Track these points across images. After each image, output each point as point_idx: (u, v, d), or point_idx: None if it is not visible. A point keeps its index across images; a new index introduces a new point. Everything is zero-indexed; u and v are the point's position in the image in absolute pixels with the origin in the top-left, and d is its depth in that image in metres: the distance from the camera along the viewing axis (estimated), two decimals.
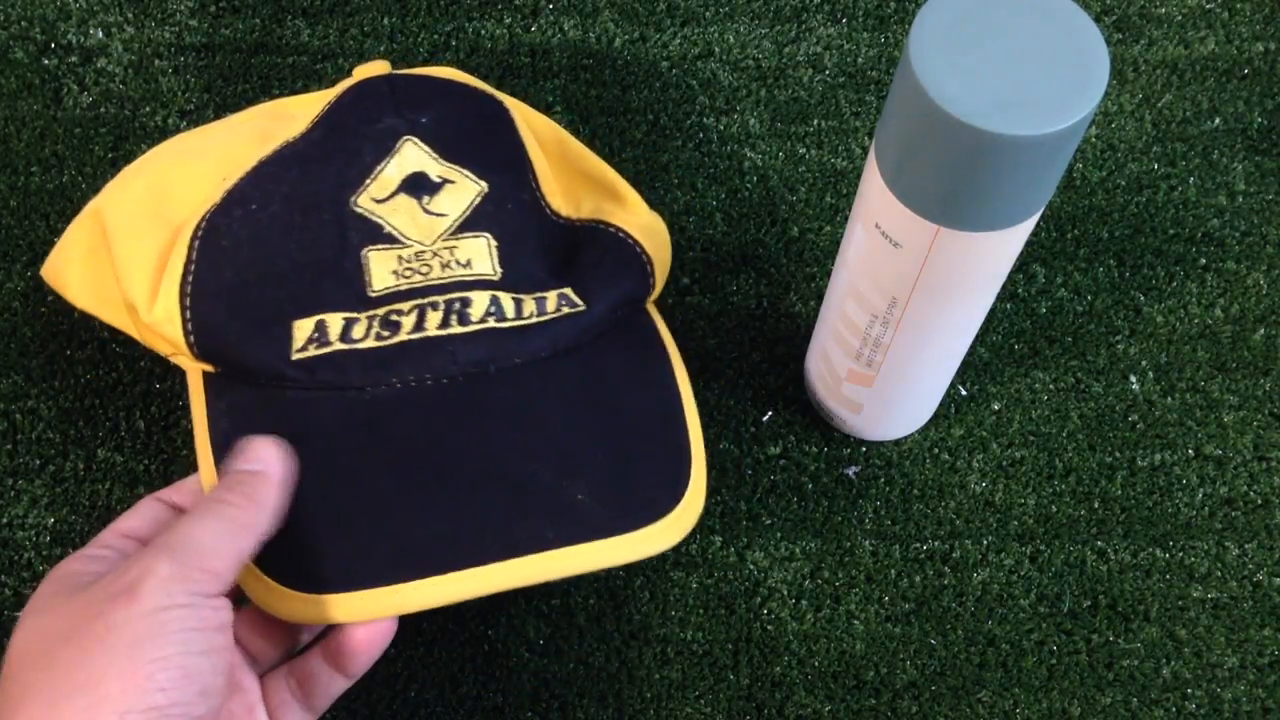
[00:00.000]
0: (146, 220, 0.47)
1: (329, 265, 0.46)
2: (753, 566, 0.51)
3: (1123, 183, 0.59)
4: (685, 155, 0.59)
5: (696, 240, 0.57)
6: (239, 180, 0.48)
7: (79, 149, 0.58)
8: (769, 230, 0.58)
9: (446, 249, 0.47)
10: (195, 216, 0.47)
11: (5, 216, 0.56)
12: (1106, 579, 0.51)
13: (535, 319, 0.46)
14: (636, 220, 0.50)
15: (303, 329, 0.45)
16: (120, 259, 0.46)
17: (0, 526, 0.50)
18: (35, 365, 0.53)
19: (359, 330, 0.45)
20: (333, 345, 0.45)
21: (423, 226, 0.48)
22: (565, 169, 0.52)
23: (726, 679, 0.49)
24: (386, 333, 0.45)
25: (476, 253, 0.47)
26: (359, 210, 0.48)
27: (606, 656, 0.49)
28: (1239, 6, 0.64)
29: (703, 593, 0.50)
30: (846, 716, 0.48)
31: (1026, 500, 0.52)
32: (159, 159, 0.49)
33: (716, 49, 0.62)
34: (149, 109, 0.59)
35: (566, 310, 0.47)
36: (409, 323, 0.45)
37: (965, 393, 0.54)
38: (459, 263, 0.47)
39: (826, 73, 0.62)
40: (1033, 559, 0.51)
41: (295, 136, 0.49)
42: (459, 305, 0.46)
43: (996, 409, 0.54)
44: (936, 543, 0.51)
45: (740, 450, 0.53)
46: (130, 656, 0.33)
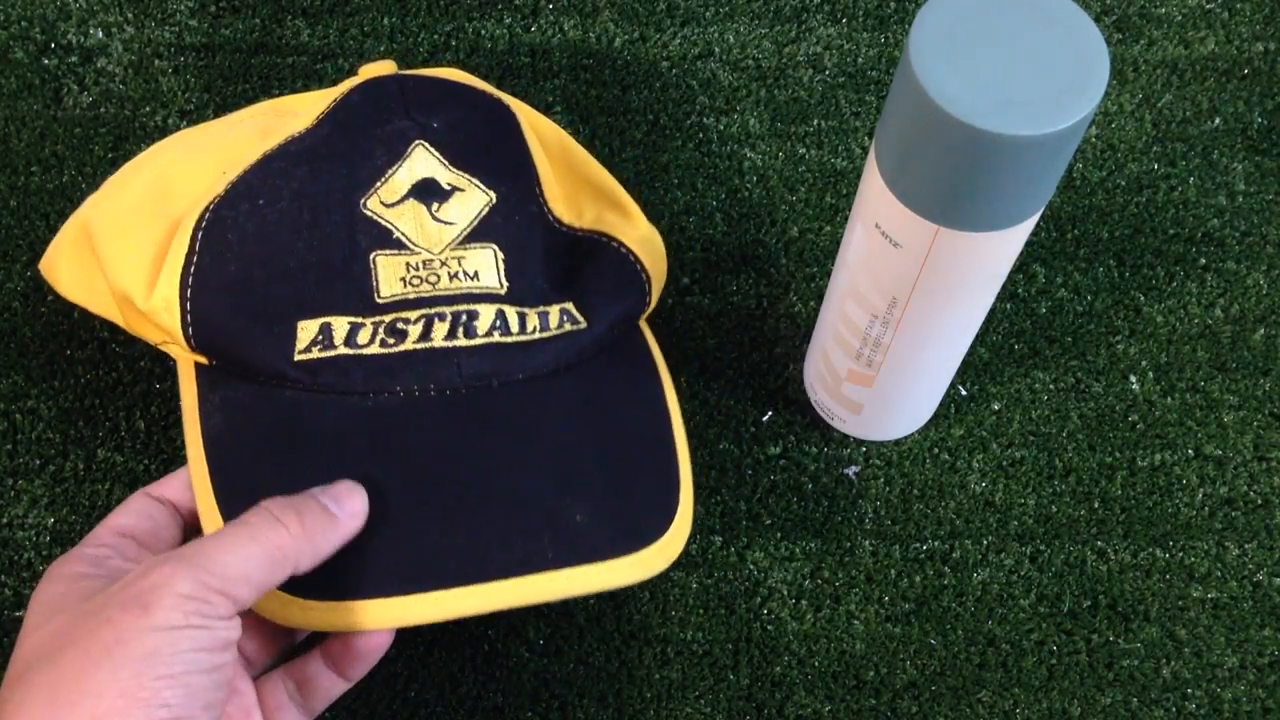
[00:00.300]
0: (146, 212, 0.47)
1: (337, 267, 0.46)
2: (753, 566, 0.51)
3: (1123, 183, 0.59)
4: (685, 155, 0.59)
5: (696, 240, 0.57)
6: (243, 173, 0.47)
7: (79, 149, 0.58)
8: (769, 230, 0.58)
9: (455, 259, 0.47)
10: (196, 208, 0.46)
11: (5, 216, 0.56)
12: (1106, 579, 0.51)
13: (538, 335, 0.47)
14: (637, 233, 0.50)
15: (307, 330, 0.45)
16: (117, 249, 0.46)
17: (0, 526, 0.50)
18: (35, 365, 0.53)
19: (364, 335, 0.45)
20: (337, 349, 0.45)
21: (430, 234, 0.48)
22: (568, 175, 0.52)
23: (726, 679, 0.49)
24: (392, 340, 0.45)
25: (484, 265, 0.47)
26: (368, 213, 0.47)
27: (606, 656, 0.49)
28: (1239, 6, 0.64)
29: (703, 593, 0.50)
30: (846, 716, 0.48)
31: (1026, 500, 0.52)
32: (160, 154, 0.49)
33: (716, 49, 0.62)
34: (149, 109, 0.59)
35: (569, 327, 0.47)
36: (415, 332, 0.45)
37: (965, 393, 0.54)
38: (467, 274, 0.47)
39: (826, 73, 0.62)
40: (1033, 559, 0.51)
41: (301, 131, 0.49)
42: (465, 318, 0.46)
43: (996, 409, 0.54)
44: (936, 543, 0.51)
45: (740, 450, 0.53)
46: (138, 672, 0.33)
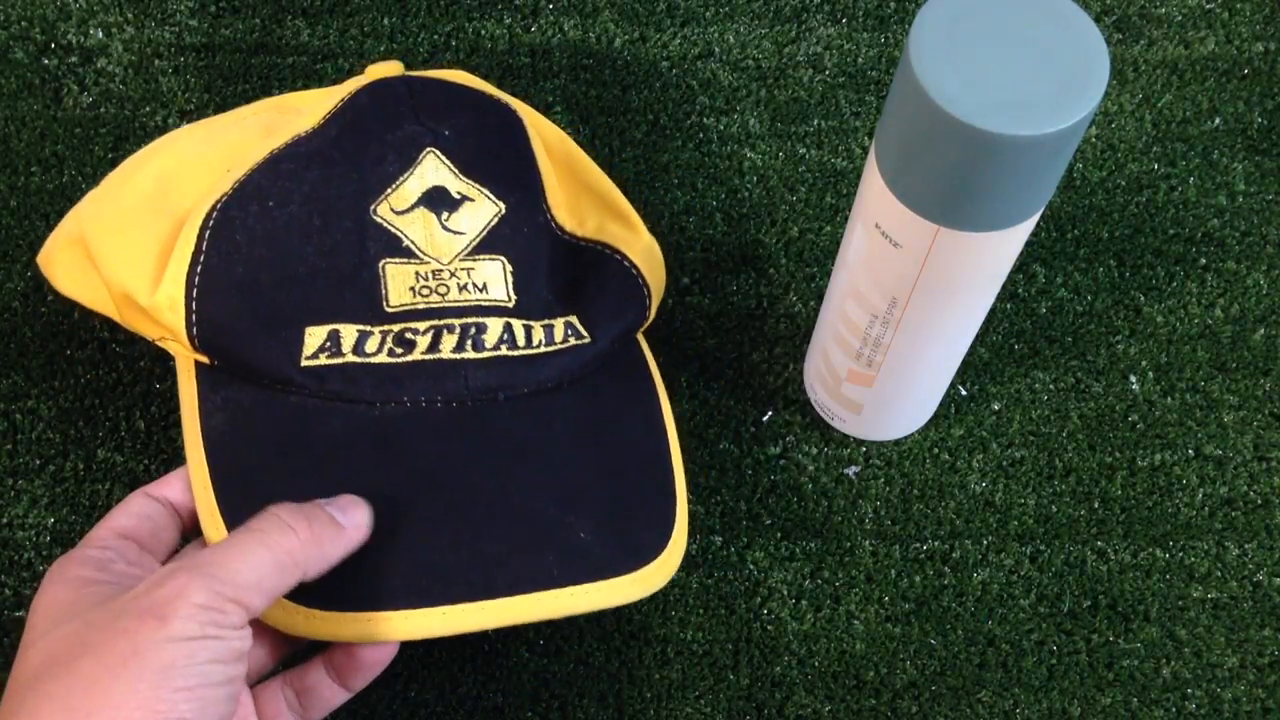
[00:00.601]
0: (148, 209, 0.46)
1: (347, 274, 0.46)
2: (753, 566, 0.51)
3: (1123, 183, 0.59)
4: (685, 155, 0.59)
5: (696, 240, 0.57)
6: (250, 172, 0.47)
7: (79, 149, 0.58)
8: (769, 230, 0.58)
9: (464, 270, 0.47)
10: (202, 206, 0.46)
11: (5, 216, 0.56)
12: (1106, 579, 0.51)
13: (543, 348, 0.47)
14: (640, 244, 0.51)
15: (315, 336, 0.45)
16: (117, 245, 0.46)
17: (0, 526, 0.50)
18: (35, 365, 0.53)
19: (373, 344, 0.45)
20: (345, 356, 0.45)
21: (439, 243, 0.48)
22: (571, 181, 0.52)
23: (726, 679, 0.49)
24: (400, 350, 0.45)
25: (493, 277, 0.47)
26: (379, 220, 0.47)
27: (606, 656, 0.49)
28: (1239, 6, 0.64)
29: (703, 593, 0.50)
30: (846, 716, 0.48)
31: (1026, 500, 0.52)
32: (162, 150, 0.48)
33: (716, 49, 0.62)
34: (149, 109, 0.59)
35: (573, 341, 0.47)
36: (424, 343, 0.45)
37: (965, 393, 0.54)
38: (476, 286, 0.47)
39: (826, 73, 0.62)
40: (1033, 559, 0.51)
41: (308, 131, 0.48)
42: (474, 330, 0.46)
43: (996, 409, 0.54)
44: (936, 543, 0.51)
45: (740, 450, 0.53)
46: (155, 684, 0.33)
